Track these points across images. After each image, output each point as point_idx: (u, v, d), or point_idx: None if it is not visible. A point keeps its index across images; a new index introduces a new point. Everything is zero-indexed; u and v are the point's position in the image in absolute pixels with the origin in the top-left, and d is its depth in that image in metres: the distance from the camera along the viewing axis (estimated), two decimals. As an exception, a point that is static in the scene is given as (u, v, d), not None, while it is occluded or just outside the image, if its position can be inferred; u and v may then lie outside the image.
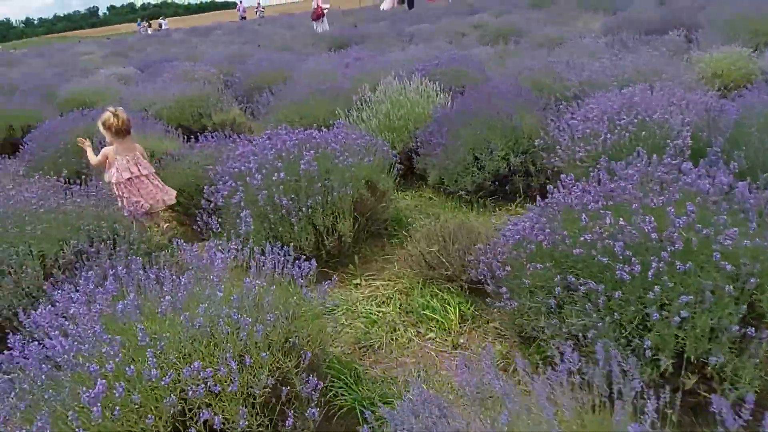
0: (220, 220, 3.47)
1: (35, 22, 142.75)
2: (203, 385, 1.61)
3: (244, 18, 31.02)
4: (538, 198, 2.70)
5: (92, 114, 5.71)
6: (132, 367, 1.58)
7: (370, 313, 2.98)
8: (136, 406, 1.57)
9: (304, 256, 2.32)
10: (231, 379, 1.64)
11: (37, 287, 2.82)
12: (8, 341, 1.94)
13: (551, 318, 2.24)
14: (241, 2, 32.36)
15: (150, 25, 36.31)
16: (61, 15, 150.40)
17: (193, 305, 1.80)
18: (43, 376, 1.57)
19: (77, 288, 2.14)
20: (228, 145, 4.21)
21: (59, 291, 2.13)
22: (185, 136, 5.77)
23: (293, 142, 3.51)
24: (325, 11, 18.36)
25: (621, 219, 2.09)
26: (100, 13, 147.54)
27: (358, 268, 3.48)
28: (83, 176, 4.18)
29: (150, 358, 1.60)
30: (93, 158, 4.06)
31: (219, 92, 7.39)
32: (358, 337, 2.80)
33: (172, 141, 5.41)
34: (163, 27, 33.73)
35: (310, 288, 2.23)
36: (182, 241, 2.75)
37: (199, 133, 6.61)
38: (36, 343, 1.79)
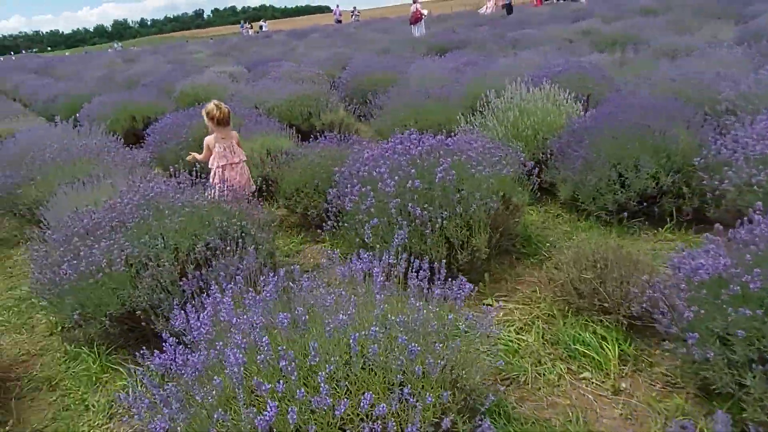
0: (345, 224, 3.34)
1: (148, 22, 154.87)
2: (380, 423, 1.41)
3: (340, 21, 31.66)
4: (719, 228, 2.31)
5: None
6: (302, 390, 1.42)
7: (510, 341, 2.70)
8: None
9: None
10: (412, 419, 1.43)
11: (172, 281, 2.79)
12: (162, 343, 1.86)
13: (756, 376, 1.86)
14: (337, 6, 33.06)
15: (251, 27, 38.05)
16: (171, 17, 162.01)
17: (364, 326, 1.62)
18: (213, 392, 1.44)
19: (223, 290, 2.04)
20: (351, 147, 4.09)
21: (208, 295, 2.04)
22: (297, 135, 5.79)
23: (426, 147, 3.31)
24: (424, 16, 18.26)
25: None
26: (205, 16, 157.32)
27: (488, 286, 3.21)
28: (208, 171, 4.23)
29: (322, 384, 1.42)
30: (201, 156, 4.19)
31: (327, 93, 7.39)
32: (498, 367, 2.53)
33: (287, 139, 5.42)
34: (264, 29, 35.21)
35: (470, 312, 2.00)
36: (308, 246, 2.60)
37: (310, 133, 6.65)
38: (189, 349, 1.68)
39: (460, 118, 4.73)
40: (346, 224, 3.29)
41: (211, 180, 3.98)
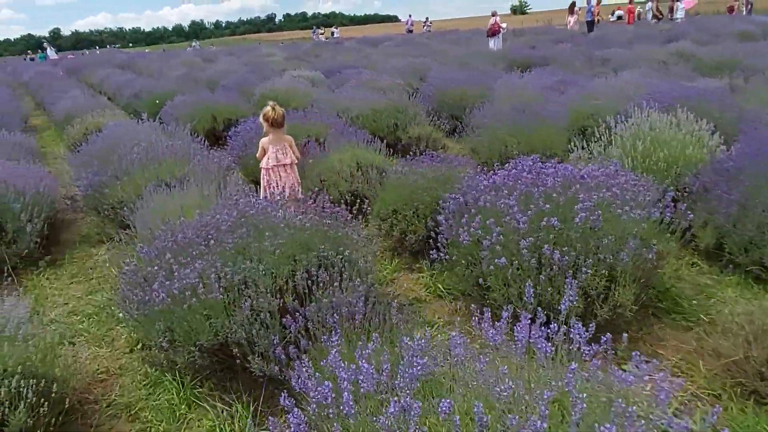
0: (461, 259, 2.94)
1: (223, 24, 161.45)
2: None
3: (411, 31, 31.46)
4: None
5: (289, 115, 5.58)
6: None
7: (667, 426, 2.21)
8: None
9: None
10: None
11: (270, 312, 2.48)
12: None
13: None
14: (410, 16, 32.92)
15: (323, 33, 38.54)
16: (244, 19, 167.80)
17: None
18: None
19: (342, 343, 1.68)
20: (458, 168, 3.69)
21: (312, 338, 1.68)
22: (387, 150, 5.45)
23: (560, 179, 2.87)
24: (502, 29, 17.74)
25: None
26: (276, 20, 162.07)
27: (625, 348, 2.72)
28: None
29: None
30: (258, 153, 4.22)
31: (414, 105, 7.04)
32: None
33: (377, 153, 5.08)
34: (335, 35, 35.53)
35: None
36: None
37: (395, 145, 6.31)
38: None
39: (575, 143, 4.25)
40: (463, 260, 2.89)
41: (261, 180, 4.11)
